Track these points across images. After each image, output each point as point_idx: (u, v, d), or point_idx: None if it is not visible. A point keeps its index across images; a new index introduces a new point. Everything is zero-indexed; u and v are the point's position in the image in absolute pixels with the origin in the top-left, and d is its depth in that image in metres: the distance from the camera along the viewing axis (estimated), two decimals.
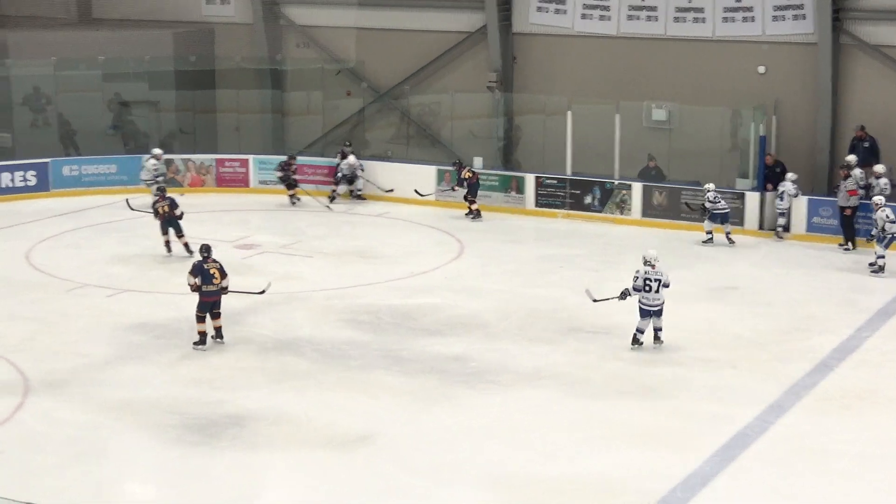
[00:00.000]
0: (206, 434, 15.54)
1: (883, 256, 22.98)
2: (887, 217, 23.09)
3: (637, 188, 27.27)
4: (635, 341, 18.60)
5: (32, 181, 29.47)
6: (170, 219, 24.12)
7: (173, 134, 32.87)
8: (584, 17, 29.58)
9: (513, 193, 28.51)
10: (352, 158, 29.44)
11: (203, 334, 18.72)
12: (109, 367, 18.07)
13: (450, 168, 28.79)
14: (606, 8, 29.27)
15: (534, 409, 16.47)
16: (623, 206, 27.38)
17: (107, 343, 19.13)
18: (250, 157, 30.86)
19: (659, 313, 18.49)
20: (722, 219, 25.42)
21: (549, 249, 25.14)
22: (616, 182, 27.60)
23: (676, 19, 28.62)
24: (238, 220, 27.59)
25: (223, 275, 18.75)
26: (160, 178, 27.65)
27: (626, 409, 16.42)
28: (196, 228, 25.19)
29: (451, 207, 28.41)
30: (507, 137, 30.95)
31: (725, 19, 28.09)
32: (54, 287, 22.25)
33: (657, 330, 18.64)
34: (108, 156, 31.06)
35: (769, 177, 26.27)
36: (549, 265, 23.82)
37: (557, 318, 20.30)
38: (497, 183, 28.74)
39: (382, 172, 29.64)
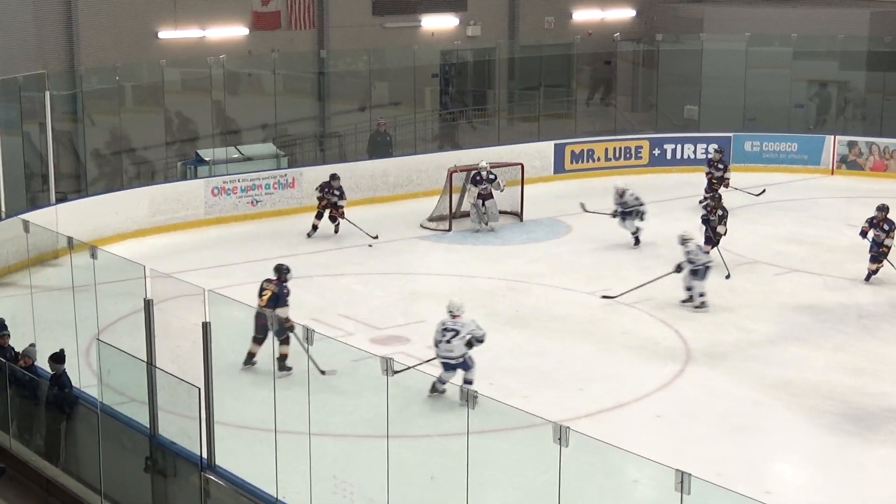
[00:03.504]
0: (862, 425, 15.20)
1: None
2: None
3: None
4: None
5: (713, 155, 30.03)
6: None
7: (858, 115, 32.30)
8: None
9: None
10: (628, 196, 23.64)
11: (251, 355, 16.50)
12: (771, 344, 18.14)
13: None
14: None
15: None
16: None
17: (772, 321, 19.19)
18: None
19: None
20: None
21: None
22: None
23: None
24: None
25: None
26: None
27: None
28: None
29: None
30: None
31: None
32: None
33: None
34: (790, 133, 31.10)
35: None
36: None
37: None
38: None
39: None
